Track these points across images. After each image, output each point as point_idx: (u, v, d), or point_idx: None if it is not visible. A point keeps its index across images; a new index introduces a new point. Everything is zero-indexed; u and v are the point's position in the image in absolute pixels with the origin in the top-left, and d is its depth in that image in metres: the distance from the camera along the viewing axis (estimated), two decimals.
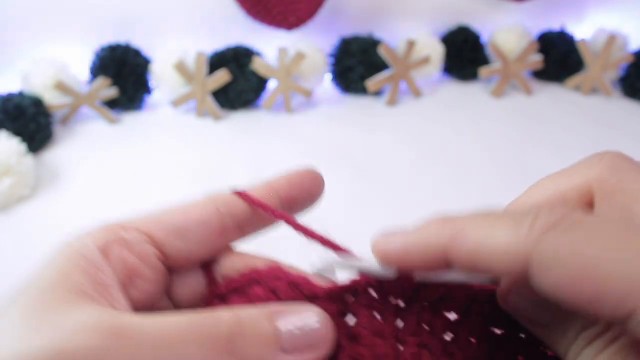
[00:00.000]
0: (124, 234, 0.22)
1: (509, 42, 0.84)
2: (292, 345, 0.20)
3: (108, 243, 0.22)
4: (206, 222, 0.24)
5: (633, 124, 0.78)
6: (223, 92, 0.76)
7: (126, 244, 0.22)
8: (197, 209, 0.24)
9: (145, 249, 0.22)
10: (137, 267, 0.22)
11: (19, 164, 0.59)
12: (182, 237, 0.23)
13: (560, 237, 0.17)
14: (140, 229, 0.23)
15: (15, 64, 0.74)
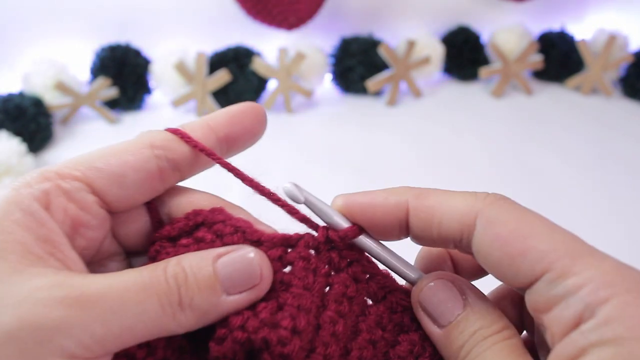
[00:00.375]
0: (63, 183, 0.22)
1: (509, 42, 0.84)
2: (232, 284, 0.21)
3: (48, 194, 0.21)
4: (143, 167, 0.23)
5: (633, 124, 0.78)
6: (223, 92, 0.76)
7: (66, 193, 0.22)
8: (133, 155, 0.23)
9: (85, 197, 0.22)
10: (80, 216, 0.22)
11: (19, 164, 0.59)
12: (121, 184, 0.23)
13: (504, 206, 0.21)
14: (77, 177, 0.22)
15: (15, 64, 0.74)
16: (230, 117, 0.26)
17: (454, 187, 0.74)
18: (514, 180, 0.66)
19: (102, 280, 0.19)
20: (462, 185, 0.70)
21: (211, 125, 0.25)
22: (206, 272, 0.20)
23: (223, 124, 0.26)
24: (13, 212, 0.20)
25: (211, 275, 0.20)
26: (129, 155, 0.23)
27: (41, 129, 0.68)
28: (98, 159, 0.23)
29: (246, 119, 0.26)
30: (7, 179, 0.58)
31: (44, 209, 0.20)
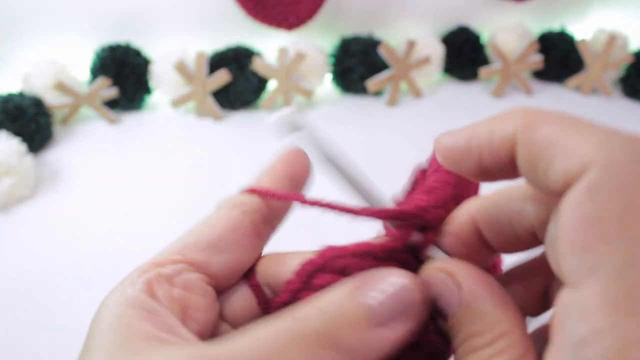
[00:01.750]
0: (162, 270, 0.21)
1: (509, 42, 0.84)
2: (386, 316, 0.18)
3: (150, 284, 0.20)
4: (237, 226, 0.22)
5: (633, 124, 0.78)
6: (223, 92, 0.76)
7: (168, 279, 0.21)
8: (223, 218, 0.22)
9: (188, 277, 0.21)
10: (186, 298, 0.21)
11: (19, 164, 0.59)
12: (221, 250, 0.22)
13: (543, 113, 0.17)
14: (175, 259, 0.21)
15: (15, 64, 0.75)
16: (283, 161, 0.26)
17: None
18: (514, 180, 0.66)
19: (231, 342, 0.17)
20: None
21: (274, 173, 0.25)
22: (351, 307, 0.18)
23: (282, 167, 0.26)
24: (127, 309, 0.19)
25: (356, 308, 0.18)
26: (218, 220, 0.22)
27: (41, 129, 0.68)
28: (190, 236, 0.22)
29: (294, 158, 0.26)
30: (7, 179, 0.58)
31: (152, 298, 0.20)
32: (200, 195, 0.62)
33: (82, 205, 0.60)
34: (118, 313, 0.19)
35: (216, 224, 0.22)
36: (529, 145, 0.17)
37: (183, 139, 0.73)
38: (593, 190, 0.15)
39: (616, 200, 0.14)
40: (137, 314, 0.19)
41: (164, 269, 0.21)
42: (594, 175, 0.15)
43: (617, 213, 0.14)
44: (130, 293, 0.20)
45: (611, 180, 0.14)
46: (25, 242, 0.55)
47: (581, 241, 0.14)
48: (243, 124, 0.76)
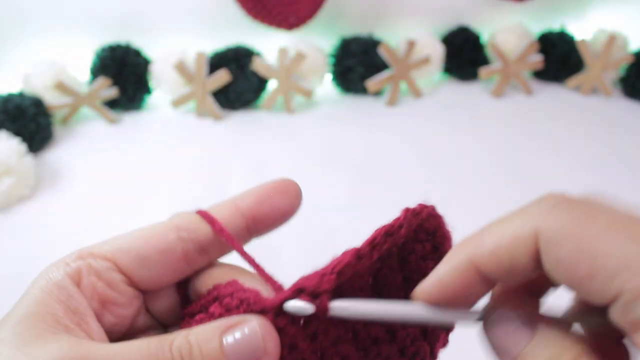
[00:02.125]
0: (93, 262, 0.23)
1: (509, 42, 0.84)
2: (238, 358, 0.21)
3: (80, 271, 0.23)
4: (167, 250, 0.24)
5: (633, 124, 0.78)
6: (223, 92, 0.76)
7: (95, 271, 0.23)
8: (158, 237, 0.24)
9: (112, 276, 0.23)
10: (107, 293, 0.23)
11: (19, 164, 0.59)
12: (145, 266, 0.24)
13: (566, 213, 0.18)
14: (106, 257, 0.24)
15: (15, 64, 0.75)
16: (259, 196, 0.26)
17: (454, 187, 0.74)
18: (514, 180, 0.66)
19: (111, 348, 0.20)
20: (462, 184, 0.70)
21: (238, 205, 0.25)
22: (212, 346, 0.21)
23: (250, 203, 0.26)
24: (51, 286, 0.22)
25: (217, 349, 0.21)
26: (153, 237, 0.24)
27: (41, 129, 0.68)
28: (126, 241, 0.24)
29: (276, 196, 0.26)
30: (7, 179, 0.58)
31: (75, 284, 0.23)
32: (200, 194, 0.62)
33: (82, 205, 0.60)
34: (42, 286, 0.22)
35: (150, 240, 0.24)
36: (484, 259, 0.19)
37: (183, 139, 0.73)
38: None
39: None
40: (55, 292, 0.22)
41: (95, 262, 0.23)
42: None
43: None
44: (57, 274, 0.23)
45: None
46: (25, 242, 0.55)
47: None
48: (243, 124, 0.76)
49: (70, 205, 0.60)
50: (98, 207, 0.60)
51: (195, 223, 0.25)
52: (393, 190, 0.64)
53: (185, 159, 0.69)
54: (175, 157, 0.69)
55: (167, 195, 0.62)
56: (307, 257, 0.52)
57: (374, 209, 0.60)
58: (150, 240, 0.24)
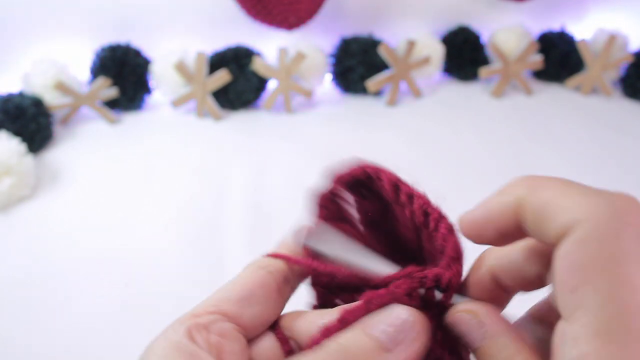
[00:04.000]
0: (199, 319, 0.24)
1: (509, 42, 0.84)
2: (392, 342, 0.22)
3: (190, 331, 0.23)
4: (265, 284, 0.26)
5: (633, 124, 0.78)
6: (223, 92, 0.76)
7: (205, 327, 0.23)
8: (252, 277, 0.26)
9: (222, 326, 0.24)
10: (222, 344, 0.23)
11: (19, 164, 0.59)
12: (251, 303, 0.25)
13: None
14: (211, 311, 0.24)
15: (15, 64, 0.75)
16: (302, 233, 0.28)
17: (454, 187, 0.74)
18: None
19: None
20: (462, 184, 0.70)
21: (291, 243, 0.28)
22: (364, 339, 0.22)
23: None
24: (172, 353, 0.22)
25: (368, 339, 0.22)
26: (248, 278, 0.26)
27: (41, 129, 0.68)
28: (223, 292, 0.25)
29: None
30: (7, 179, 0.58)
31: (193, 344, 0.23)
32: (200, 194, 0.62)
33: (82, 205, 0.60)
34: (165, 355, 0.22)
35: (246, 282, 0.26)
36: (531, 207, 0.21)
37: (183, 139, 0.73)
38: (580, 242, 0.18)
39: (598, 249, 0.18)
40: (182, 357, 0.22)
41: (200, 319, 0.24)
42: (580, 230, 0.18)
43: (598, 260, 0.18)
44: (174, 338, 0.23)
45: (594, 234, 0.18)
46: (25, 242, 0.55)
47: (570, 283, 0.18)
48: (243, 124, 0.76)
49: (70, 205, 0.60)
50: (98, 207, 0.60)
51: (271, 260, 0.27)
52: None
53: (185, 158, 0.69)
54: (175, 157, 0.69)
55: (167, 195, 0.62)
56: None
57: None
58: (245, 282, 0.25)
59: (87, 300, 0.48)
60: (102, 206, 0.60)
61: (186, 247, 0.55)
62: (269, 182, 0.64)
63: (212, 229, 0.57)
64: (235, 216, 0.58)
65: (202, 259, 0.53)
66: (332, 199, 0.28)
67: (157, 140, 0.72)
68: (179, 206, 0.60)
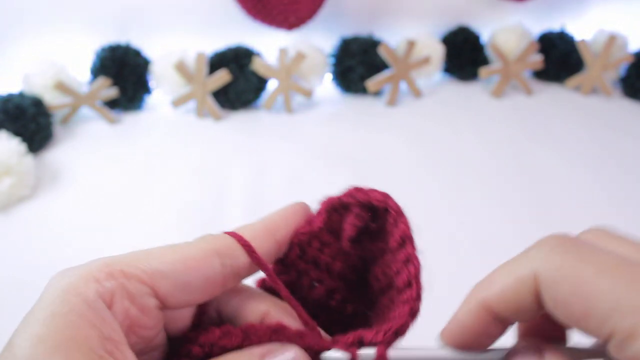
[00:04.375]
0: (127, 283, 0.21)
1: (509, 42, 0.84)
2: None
3: (113, 294, 0.21)
4: (208, 275, 0.23)
5: (633, 124, 0.78)
6: (223, 92, 0.76)
7: (129, 295, 0.21)
8: (201, 264, 0.23)
9: (147, 302, 0.22)
10: (138, 318, 0.22)
11: (19, 164, 0.59)
12: (184, 291, 0.23)
13: (561, 255, 0.19)
14: (144, 280, 0.22)
15: (15, 64, 0.75)
16: (286, 219, 0.26)
17: (454, 187, 0.74)
18: (514, 180, 0.66)
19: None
20: (462, 184, 0.70)
21: (270, 229, 0.25)
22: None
23: (281, 227, 0.26)
24: (81, 305, 0.20)
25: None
26: (196, 263, 0.23)
27: (41, 129, 0.68)
28: (163, 261, 0.22)
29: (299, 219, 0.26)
30: (7, 179, 0.58)
31: (108, 307, 0.21)
32: (200, 194, 0.62)
33: (82, 205, 0.60)
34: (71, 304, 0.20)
35: (192, 266, 0.23)
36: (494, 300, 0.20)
37: (183, 139, 0.73)
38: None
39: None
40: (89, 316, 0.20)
41: (130, 284, 0.21)
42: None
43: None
44: (91, 291, 0.20)
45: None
46: (25, 242, 0.55)
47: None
48: (243, 124, 0.76)
49: (70, 205, 0.60)
50: (98, 207, 0.60)
51: (235, 249, 0.24)
52: (393, 190, 0.63)
53: (185, 158, 0.69)
54: (175, 157, 0.69)
55: (167, 195, 0.62)
56: None
57: None
58: (191, 265, 0.23)
59: None
60: (102, 206, 0.60)
61: None
62: (269, 182, 0.64)
63: (212, 229, 0.57)
64: (235, 216, 0.58)
65: None
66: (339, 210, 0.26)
67: (157, 140, 0.72)
68: (179, 206, 0.60)
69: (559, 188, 0.64)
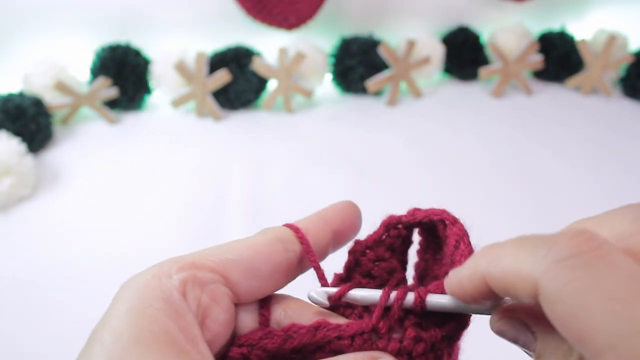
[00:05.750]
0: (199, 273, 0.22)
1: (509, 42, 0.84)
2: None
3: (185, 284, 0.21)
4: (277, 262, 0.24)
5: (633, 124, 0.78)
6: (223, 92, 0.76)
7: (201, 284, 0.21)
8: (267, 250, 0.23)
9: (219, 290, 0.22)
10: (211, 308, 0.22)
11: (19, 164, 0.59)
12: (255, 277, 0.23)
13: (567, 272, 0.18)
14: (213, 268, 0.22)
15: (15, 64, 0.75)
16: (342, 214, 0.26)
17: (453, 186, 0.74)
18: (514, 180, 0.66)
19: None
20: (462, 184, 0.70)
21: (326, 219, 0.26)
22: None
23: (336, 219, 0.26)
24: (157, 300, 0.20)
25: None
26: (263, 248, 0.23)
27: (41, 129, 0.68)
28: (231, 250, 0.23)
29: (351, 215, 0.27)
30: (7, 179, 0.58)
31: (183, 300, 0.21)
32: (200, 194, 0.62)
33: (82, 205, 0.60)
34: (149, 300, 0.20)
35: (259, 252, 0.23)
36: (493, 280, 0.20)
37: (183, 139, 0.73)
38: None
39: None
40: (167, 310, 0.20)
41: (201, 273, 0.22)
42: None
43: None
44: (166, 285, 0.20)
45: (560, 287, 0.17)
46: (25, 242, 0.55)
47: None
48: (243, 123, 0.76)
49: (70, 205, 0.60)
50: (98, 207, 0.60)
51: (291, 236, 0.25)
52: (393, 189, 0.64)
53: (185, 158, 0.69)
54: (175, 157, 0.69)
55: (167, 195, 0.62)
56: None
57: (373, 208, 0.60)
58: (260, 251, 0.23)
59: (87, 299, 0.48)
60: (101, 206, 0.60)
61: (186, 246, 0.55)
62: (268, 182, 0.64)
63: (212, 228, 0.57)
64: (235, 215, 0.58)
65: None
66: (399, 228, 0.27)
67: (157, 140, 0.72)
68: (179, 205, 0.60)
69: (559, 188, 0.64)
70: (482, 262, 0.21)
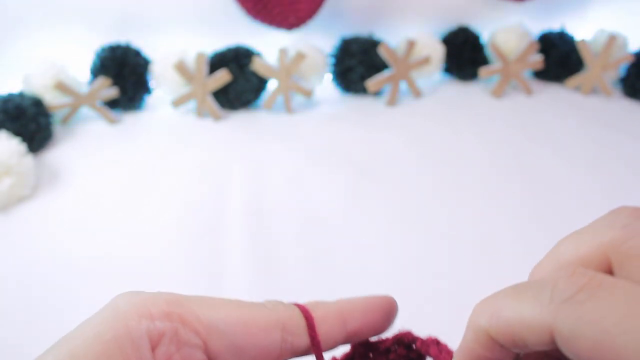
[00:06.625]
0: (182, 330, 0.20)
1: (509, 42, 0.84)
2: None
3: (161, 336, 0.20)
4: (268, 350, 0.22)
5: (633, 124, 0.78)
6: (223, 92, 0.76)
7: (178, 343, 0.20)
8: (262, 332, 0.22)
9: (194, 355, 0.21)
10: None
11: (19, 164, 0.59)
12: (237, 356, 0.21)
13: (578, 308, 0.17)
14: (199, 332, 0.21)
15: (15, 64, 0.75)
16: (365, 312, 0.24)
17: (453, 187, 0.74)
18: (514, 180, 0.66)
19: None
20: (462, 184, 0.70)
21: (344, 315, 0.24)
22: None
23: (357, 318, 0.24)
24: (123, 338, 0.19)
25: None
26: (257, 329, 0.22)
27: (41, 129, 0.68)
28: (224, 319, 0.21)
29: (378, 315, 0.25)
30: (7, 179, 0.58)
31: (152, 349, 0.20)
32: (200, 194, 0.62)
33: (82, 205, 0.60)
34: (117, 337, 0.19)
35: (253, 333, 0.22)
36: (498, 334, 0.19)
37: (183, 139, 0.73)
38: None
39: None
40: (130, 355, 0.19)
41: (183, 331, 0.20)
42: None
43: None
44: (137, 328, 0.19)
45: None
46: (25, 242, 0.55)
47: None
48: (243, 124, 0.76)
49: (70, 205, 0.60)
50: (98, 207, 0.60)
51: (300, 327, 0.23)
52: (393, 190, 0.64)
53: (185, 158, 0.69)
54: (175, 157, 0.69)
55: (167, 195, 0.62)
56: (306, 257, 0.52)
57: (373, 208, 0.60)
58: (252, 332, 0.21)
59: (88, 300, 0.48)
60: (102, 206, 0.60)
61: (186, 246, 0.55)
62: (269, 182, 0.64)
63: (212, 228, 0.57)
64: (235, 216, 0.58)
65: (202, 257, 0.53)
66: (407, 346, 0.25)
67: (157, 140, 0.72)
68: (179, 206, 0.60)
69: (558, 188, 0.64)
70: (481, 319, 0.20)
